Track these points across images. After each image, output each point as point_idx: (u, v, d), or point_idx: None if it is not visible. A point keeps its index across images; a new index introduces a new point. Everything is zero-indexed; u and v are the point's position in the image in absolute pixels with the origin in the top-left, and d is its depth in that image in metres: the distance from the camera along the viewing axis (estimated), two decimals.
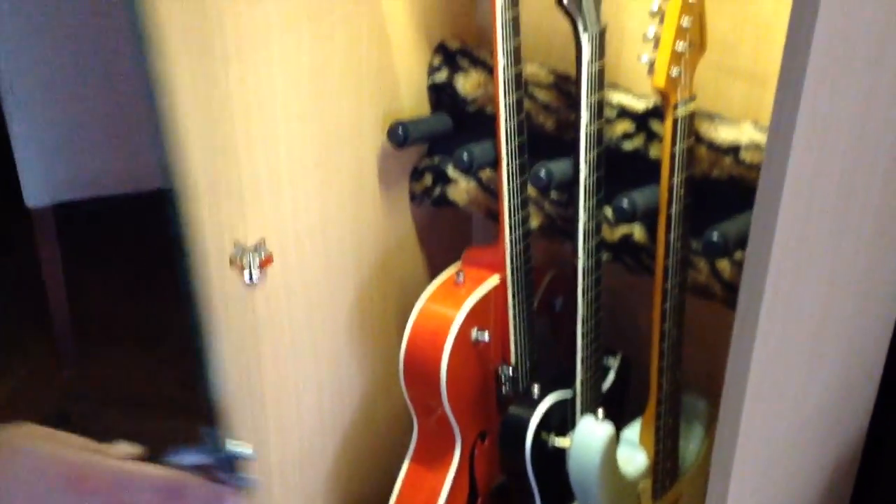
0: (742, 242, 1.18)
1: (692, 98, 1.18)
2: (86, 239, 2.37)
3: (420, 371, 1.37)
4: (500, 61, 1.27)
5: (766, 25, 1.23)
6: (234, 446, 0.82)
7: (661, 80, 1.15)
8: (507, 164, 1.32)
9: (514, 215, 1.35)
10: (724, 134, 1.22)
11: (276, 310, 1.30)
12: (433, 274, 1.52)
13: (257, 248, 1.24)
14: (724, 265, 1.25)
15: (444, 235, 1.58)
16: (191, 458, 0.80)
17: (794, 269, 0.89)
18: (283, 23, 1.17)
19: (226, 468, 0.81)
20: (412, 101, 1.43)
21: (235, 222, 1.21)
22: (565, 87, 1.34)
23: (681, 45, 1.14)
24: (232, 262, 1.22)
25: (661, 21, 1.14)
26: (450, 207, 1.49)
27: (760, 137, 1.20)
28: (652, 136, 1.28)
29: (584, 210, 1.27)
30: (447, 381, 1.35)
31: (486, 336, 1.37)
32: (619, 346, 1.46)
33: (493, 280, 1.38)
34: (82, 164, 1.91)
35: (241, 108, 1.15)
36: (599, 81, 1.23)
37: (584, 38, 1.20)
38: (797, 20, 0.73)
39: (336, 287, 1.41)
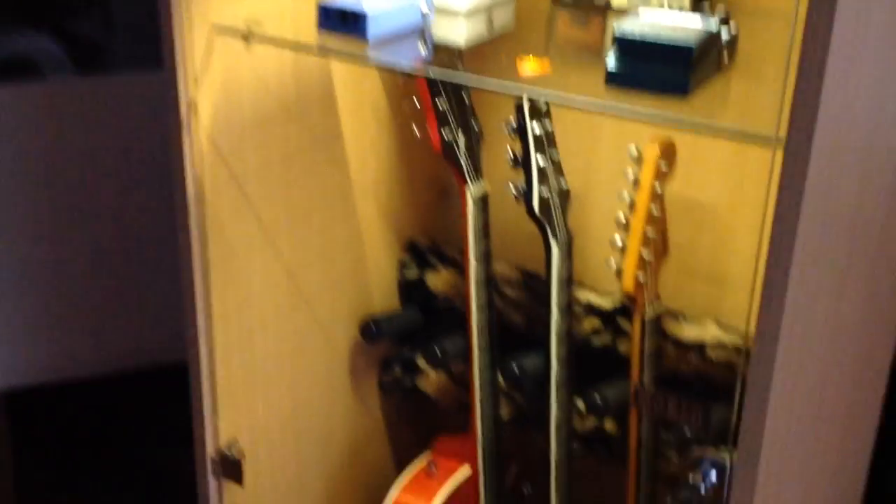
0: (721, 434, 1.22)
1: (658, 300, 1.24)
2: (37, 423, 2.33)
3: None
4: (472, 263, 1.32)
5: (722, 230, 1.31)
6: None
7: (629, 285, 1.21)
8: (479, 359, 1.36)
9: (486, 407, 1.38)
10: (688, 332, 1.28)
11: None
12: (400, 462, 1.53)
13: (230, 448, 1.24)
14: None
15: (412, 425, 1.60)
16: None
17: None
18: (263, 234, 1.22)
19: None
20: (383, 296, 1.48)
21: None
22: (532, 284, 1.40)
23: (646, 253, 1.21)
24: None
25: (627, 230, 1.21)
26: (418, 397, 1.51)
27: (724, 336, 1.26)
28: (620, 333, 1.33)
29: (556, 404, 1.31)
30: None
31: None
32: None
33: (465, 471, 1.40)
34: (36, 349, 1.90)
35: (221, 313, 1.18)
36: (568, 283, 1.29)
37: (554, 245, 1.26)
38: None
39: (305, 481, 1.41)
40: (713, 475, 0.96)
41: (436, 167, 1.51)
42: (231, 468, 1.21)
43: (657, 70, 0.87)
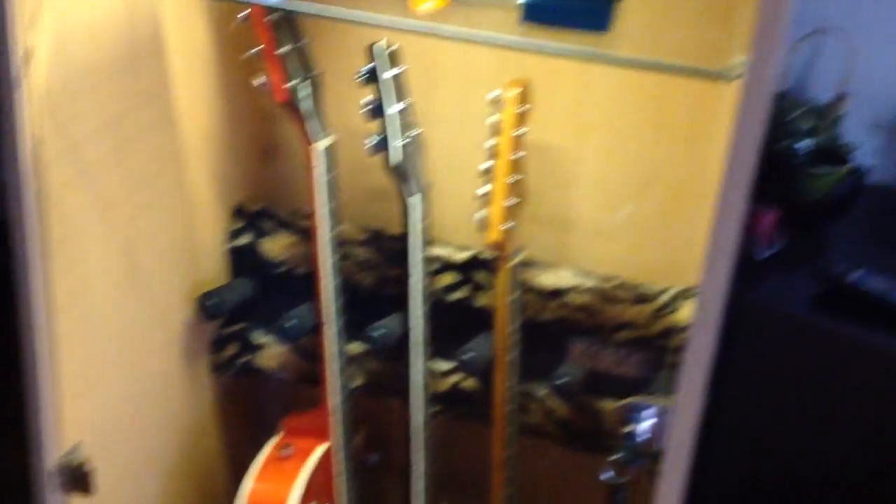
0: (584, 385, 1.23)
1: (521, 249, 1.23)
2: None
3: None
4: (322, 224, 1.23)
5: (569, 175, 1.31)
6: None
7: (495, 235, 1.18)
8: (332, 327, 1.27)
9: (339, 378, 1.30)
10: (546, 279, 1.27)
11: None
12: (239, 448, 1.42)
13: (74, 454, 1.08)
14: (557, 404, 1.29)
15: (248, 406, 1.49)
16: None
17: None
18: (100, 207, 1.06)
19: None
20: (213, 268, 1.35)
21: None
22: (380, 243, 1.33)
23: (510, 200, 1.18)
24: None
25: (491, 179, 1.18)
26: (255, 376, 1.40)
27: (581, 280, 1.27)
28: (477, 287, 1.30)
29: (418, 366, 1.26)
30: None
31: None
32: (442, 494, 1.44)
33: (321, 448, 1.31)
34: None
35: (64, 302, 1.02)
36: (426, 238, 1.24)
37: (414, 199, 1.20)
38: None
39: (142, 479, 1.27)
40: (649, 422, 0.96)
41: (260, 124, 1.40)
42: (78, 478, 1.05)
43: (577, 2, 0.83)
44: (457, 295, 1.31)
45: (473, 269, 1.30)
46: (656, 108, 1.20)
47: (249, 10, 1.09)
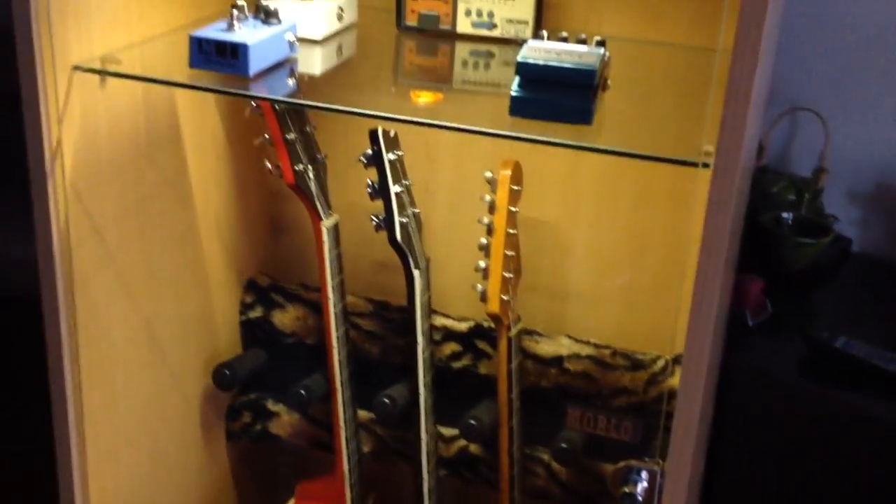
0: (586, 449, 1.28)
1: (520, 319, 1.29)
2: None
3: None
4: (330, 297, 1.30)
5: (562, 248, 1.37)
6: None
7: (494, 307, 1.24)
8: (341, 395, 1.33)
9: (350, 444, 1.36)
10: (545, 348, 1.33)
11: None
12: None
13: None
14: (560, 468, 1.34)
15: (263, 472, 1.54)
16: None
17: None
18: (122, 286, 1.14)
19: None
20: (227, 339, 1.41)
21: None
22: (386, 314, 1.39)
23: (507, 274, 1.24)
24: None
25: (488, 254, 1.24)
26: (270, 443, 1.46)
27: (579, 348, 1.32)
28: (479, 355, 1.36)
29: (426, 431, 1.31)
30: None
31: None
32: None
33: None
34: None
35: (90, 374, 1.08)
36: (429, 309, 1.30)
37: (416, 273, 1.27)
38: None
39: None
40: (644, 482, 1.01)
41: (268, 203, 1.47)
42: None
43: (562, 98, 0.90)
44: (460, 363, 1.37)
45: (475, 338, 1.36)
46: (642, 183, 1.27)
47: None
